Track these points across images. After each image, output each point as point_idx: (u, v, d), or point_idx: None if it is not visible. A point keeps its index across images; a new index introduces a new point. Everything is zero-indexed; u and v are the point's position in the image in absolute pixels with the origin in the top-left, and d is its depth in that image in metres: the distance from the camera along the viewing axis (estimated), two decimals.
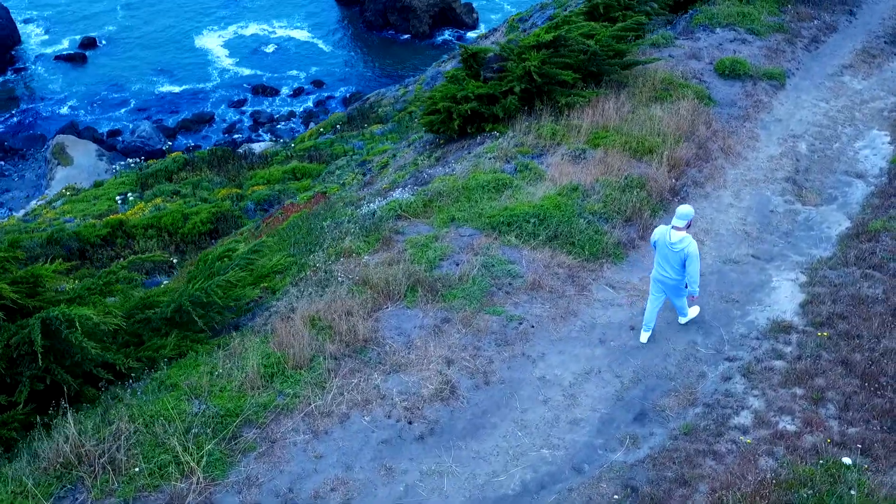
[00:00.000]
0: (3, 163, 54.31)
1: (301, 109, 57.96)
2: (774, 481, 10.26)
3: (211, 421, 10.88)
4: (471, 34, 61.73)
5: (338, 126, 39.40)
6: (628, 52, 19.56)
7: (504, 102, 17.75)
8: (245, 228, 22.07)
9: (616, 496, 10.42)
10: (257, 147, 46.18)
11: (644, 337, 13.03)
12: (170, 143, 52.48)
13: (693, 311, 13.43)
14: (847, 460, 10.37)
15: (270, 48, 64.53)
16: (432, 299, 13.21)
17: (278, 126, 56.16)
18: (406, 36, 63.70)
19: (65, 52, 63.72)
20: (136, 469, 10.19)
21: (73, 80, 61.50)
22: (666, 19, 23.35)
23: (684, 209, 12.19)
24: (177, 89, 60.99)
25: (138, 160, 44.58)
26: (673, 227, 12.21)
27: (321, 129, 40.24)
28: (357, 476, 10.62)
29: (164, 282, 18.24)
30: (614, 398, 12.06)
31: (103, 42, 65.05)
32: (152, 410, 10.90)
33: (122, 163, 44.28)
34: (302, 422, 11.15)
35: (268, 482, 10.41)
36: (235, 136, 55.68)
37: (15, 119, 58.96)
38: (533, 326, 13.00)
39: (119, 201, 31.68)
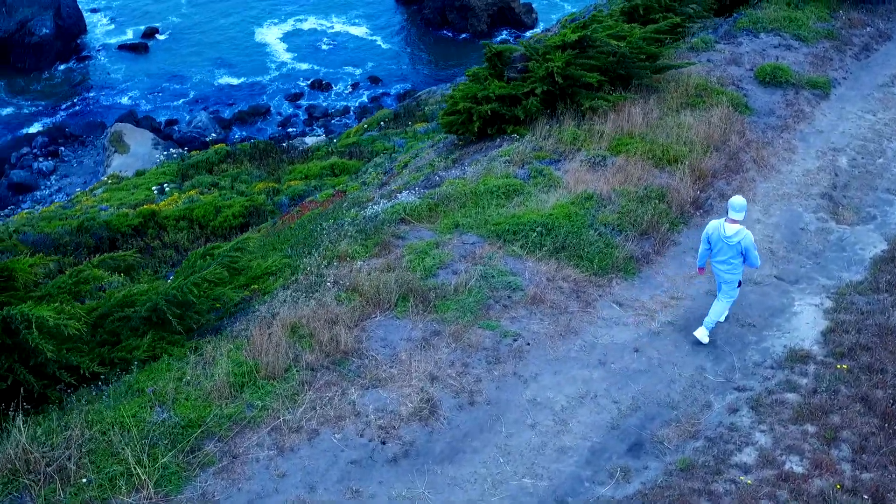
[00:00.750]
0: (63, 149, 54.99)
1: (356, 105, 57.66)
2: None
3: (171, 431, 10.29)
4: (529, 34, 60.72)
5: (382, 123, 38.87)
6: (661, 55, 18.56)
7: (525, 104, 16.93)
8: (264, 225, 21.59)
9: None
10: (309, 141, 45.94)
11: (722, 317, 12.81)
12: (213, 135, 52.50)
13: (705, 335, 12.58)
14: None
15: (328, 43, 64.39)
16: (424, 310, 12.48)
17: (332, 121, 55.90)
18: (464, 35, 62.92)
19: (128, 42, 64.31)
20: (85, 480, 9.65)
21: (134, 70, 62.07)
22: (711, 23, 22.22)
23: (740, 201, 12.00)
24: (235, 81, 61.18)
25: (182, 150, 44.62)
26: (728, 220, 12.00)
27: (366, 126, 39.76)
28: (320, 498, 9.94)
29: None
30: (609, 426, 11.20)
31: (166, 33, 65.51)
32: (111, 417, 10.35)
33: (166, 153, 44.35)
34: (268, 436, 10.51)
35: (224, 500, 9.78)
36: (290, 129, 55.61)
37: (77, 107, 59.67)
38: (529, 344, 12.19)
39: (156, 191, 31.54)
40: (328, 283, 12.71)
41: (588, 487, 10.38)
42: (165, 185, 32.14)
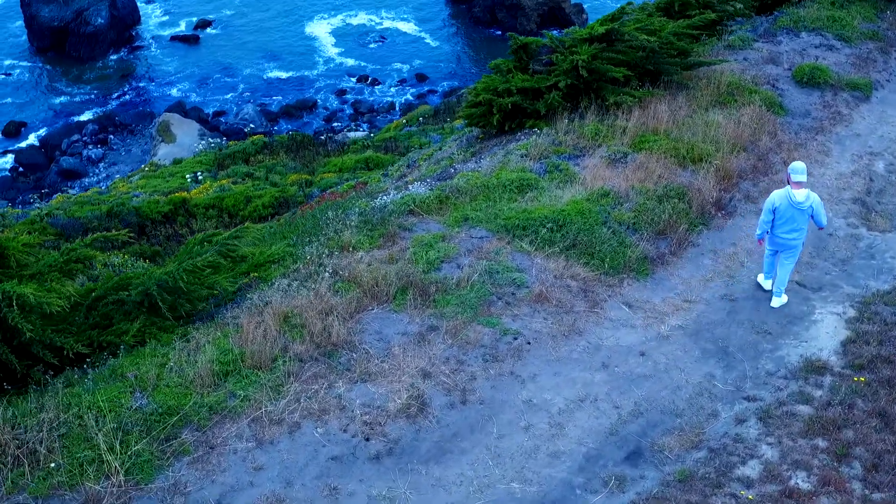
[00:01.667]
0: (113, 137, 55.64)
1: (402, 101, 57.45)
2: None
3: (148, 418, 9.98)
4: None
5: (421, 119, 38.55)
6: (692, 51, 17.88)
7: (547, 98, 16.38)
8: (285, 215, 21.30)
9: None
10: (352, 135, 45.80)
11: (768, 284, 12.85)
12: (251, 126, 52.68)
13: (784, 299, 12.72)
14: None
15: (377, 39, 64.32)
16: (422, 304, 12.03)
17: (378, 117, 55.75)
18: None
19: (180, 34, 64.87)
20: (54, 464, 9.37)
21: (185, 61, 62.60)
22: (752, 21, 21.45)
23: (801, 164, 12.09)
24: (283, 75, 61.38)
25: (221, 141, 44.70)
26: (793, 185, 11.95)
27: (405, 121, 39.50)
28: (296, 494, 9.56)
29: None
30: (607, 432, 10.66)
31: (218, 26, 65.94)
32: (88, 401, 10.07)
33: (203, 143, 44.49)
34: (247, 428, 10.15)
35: (196, 491, 9.44)
36: (335, 124, 55.59)
37: (128, 96, 60.36)
38: (529, 343, 11.69)
39: (189, 180, 31.50)
40: (326, 273, 12.32)
41: (579, 495, 9.86)
42: (199, 173, 32.11)
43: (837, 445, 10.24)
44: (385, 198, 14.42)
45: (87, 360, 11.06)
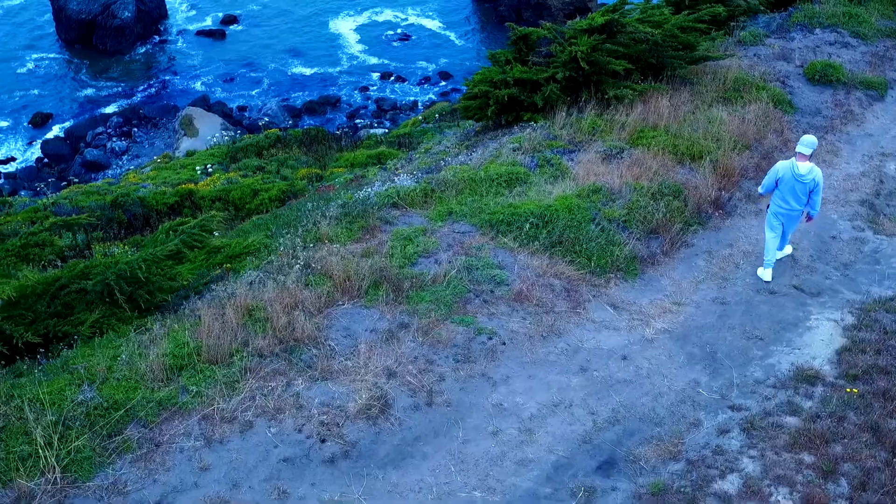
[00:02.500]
0: (136, 130, 55.62)
1: (425, 99, 56.91)
2: None
3: (92, 412, 9.50)
4: None
5: (437, 116, 38.06)
6: (698, 45, 17.16)
7: (545, 90, 15.76)
8: (280, 209, 20.84)
9: None
10: (372, 132, 45.38)
11: (768, 275, 12.58)
12: (264, 120, 52.44)
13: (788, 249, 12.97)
14: None
15: (402, 36, 63.83)
16: (395, 300, 11.48)
17: (400, 115, 55.29)
18: None
19: (206, 28, 64.81)
20: None
21: (211, 56, 62.45)
22: (766, 17, 20.69)
23: (811, 138, 12.05)
24: (308, 71, 61.04)
25: (234, 133, 44.43)
26: (798, 157, 11.91)
27: (422, 118, 39.01)
28: (243, 496, 9.04)
29: None
30: (580, 439, 10.05)
31: (244, 21, 65.81)
32: (32, 393, 9.61)
33: (217, 135, 44.24)
34: (197, 425, 9.65)
35: (136, 491, 8.95)
36: (357, 121, 55.17)
37: (153, 89, 60.27)
38: (504, 343, 11.10)
39: (199, 172, 31.18)
40: (297, 266, 11.80)
41: None
42: (210, 166, 31.79)
43: (824, 461, 9.58)
44: (369, 190, 13.88)
45: (40, 350, 10.64)
